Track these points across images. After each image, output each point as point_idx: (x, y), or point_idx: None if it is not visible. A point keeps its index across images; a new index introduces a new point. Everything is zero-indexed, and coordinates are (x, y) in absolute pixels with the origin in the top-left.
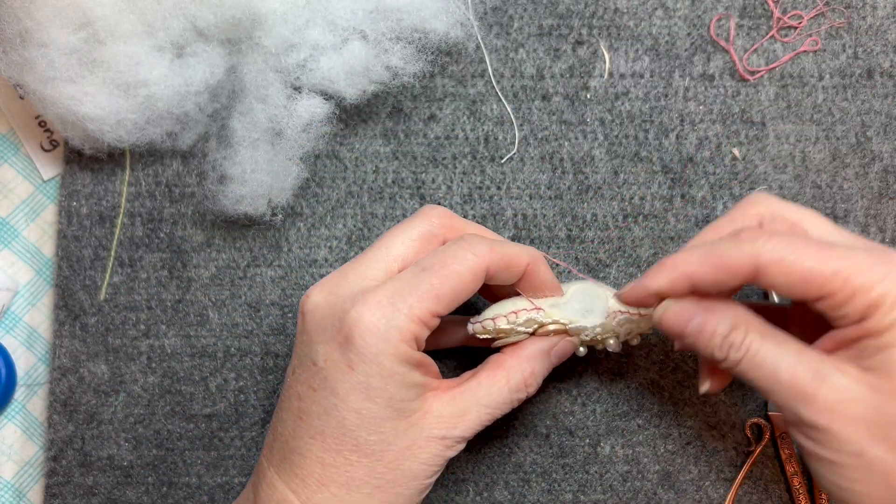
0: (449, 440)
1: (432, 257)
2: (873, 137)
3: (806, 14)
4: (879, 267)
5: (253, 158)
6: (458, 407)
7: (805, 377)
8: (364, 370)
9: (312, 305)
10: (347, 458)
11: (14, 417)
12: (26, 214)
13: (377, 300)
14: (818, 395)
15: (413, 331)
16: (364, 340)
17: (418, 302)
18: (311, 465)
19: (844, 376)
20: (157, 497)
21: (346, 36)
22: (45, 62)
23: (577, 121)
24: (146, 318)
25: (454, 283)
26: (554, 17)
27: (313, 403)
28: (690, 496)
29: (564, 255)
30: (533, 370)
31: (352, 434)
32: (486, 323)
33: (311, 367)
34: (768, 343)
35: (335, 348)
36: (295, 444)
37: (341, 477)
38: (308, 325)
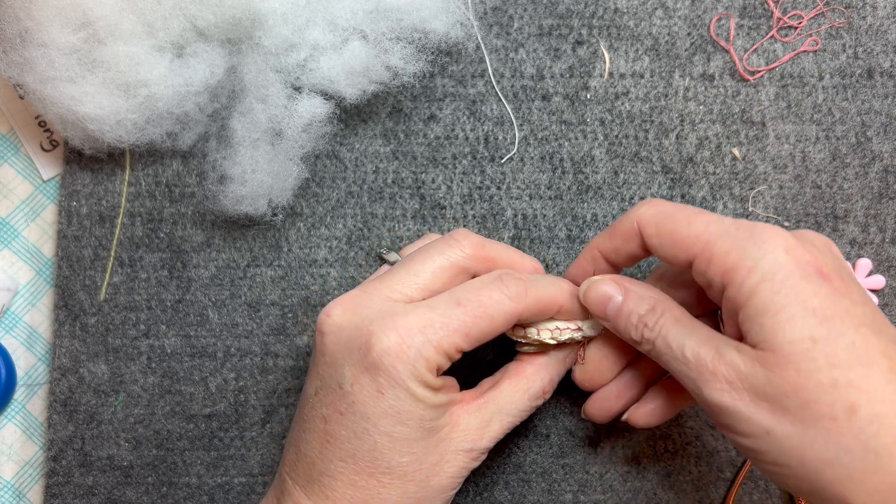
0: (475, 452)
1: (468, 292)
2: (873, 137)
3: (806, 14)
4: (739, 234)
5: (253, 158)
6: (484, 418)
7: (706, 355)
8: (394, 395)
9: (335, 326)
10: (380, 480)
11: (14, 417)
12: (26, 214)
13: (407, 327)
14: (718, 372)
15: (438, 362)
16: (393, 367)
17: (447, 336)
18: (342, 488)
19: (740, 353)
20: (157, 497)
21: (346, 36)
22: (45, 62)
23: (577, 121)
24: (146, 318)
25: (485, 325)
26: (554, 17)
27: (341, 427)
28: (690, 496)
29: (564, 255)
30: (551, 377)
31: (384, 457)
32: (529, 331)
33: (336, 390)
34: (679, 326)
35: (362, 372)
36: (323, 466)
37: (374, 499)
38: (330, 347)
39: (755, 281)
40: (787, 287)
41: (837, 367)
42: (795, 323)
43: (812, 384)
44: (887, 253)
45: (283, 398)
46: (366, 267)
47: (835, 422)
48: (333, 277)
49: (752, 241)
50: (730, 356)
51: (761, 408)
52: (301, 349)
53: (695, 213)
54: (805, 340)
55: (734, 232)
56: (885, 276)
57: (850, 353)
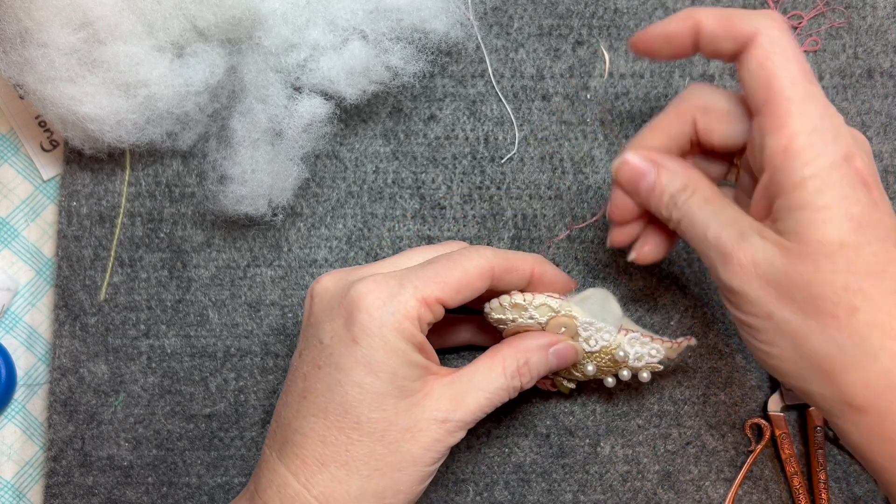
0: (450, 423)
1: (439, 256)
2: (873, 137)
3: (806, 14)
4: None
5: (253, 158)
6: (457, 390)
7: (728, 238)
8: (368, 343)
9: (322, 289)
10: (349, 436)
11: (14, 417)
12: (26, 214)
13: (384, 278)
14: (734, 256)
15: (417, 310)
16: (369, 314)
17: (423, 284)
18: (312, 445)
19: (762, 239)
20: (157, 497)
21: (346, 36)
22: (45, 62)
23: (577, 121)
24: (146, 318)
25: (459, 274)
26: (554, 17)
27: (318, 381)
28: (690, 496)
29: (564, 255)
30: (528, 360)
31: (354, 410)
32: (502, 298)
33: (316, 345)
34: (708, 206)
35: (340, 324)
36: (298, 424)
37: (341, 456)
38: (315, 307)
39: (807, 174)
40: (833, 189)
41: (853, 273)
42: (830, 225)
43: (825, 282)
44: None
45: None
46: None
47: (835, 319)
48: None
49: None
50: (751, 241)
51: (768, 293)
52: None
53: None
54: (833, 244)
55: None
56: None
57: (869, 261)
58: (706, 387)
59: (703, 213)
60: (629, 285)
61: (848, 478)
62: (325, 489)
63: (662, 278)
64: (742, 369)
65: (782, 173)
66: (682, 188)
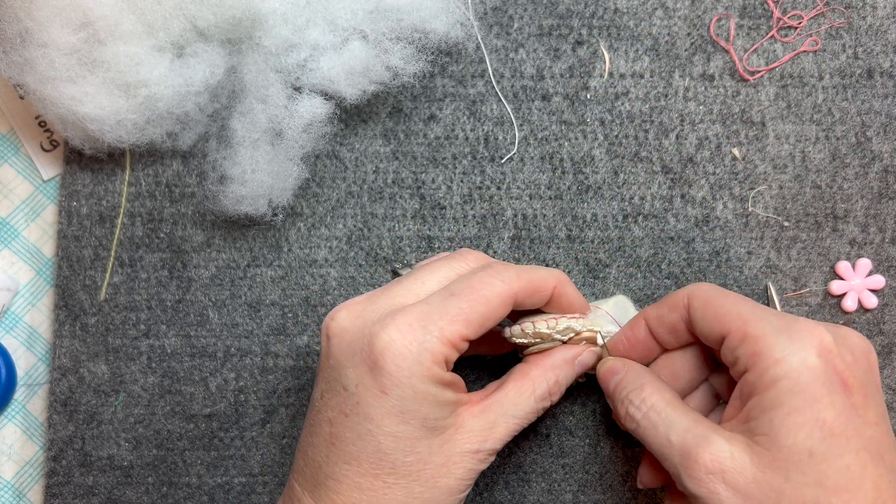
0: (482, 454)
1: (460, 283)
2: (873, 137)
3: (806, 14)
4: (778, 324)
5: (253, 158)
6: (488, 420)
7: (692, 441)
8: (397, 394)
9: (339, 329)
10: (385, 481)
11: (14, 417)
12: (26, 214)
13: (407, 323)
14: (700, 460)
15: (444, 353)
16: (396, 365)
17: (448, 325)
18: (348, 491)
19: (730, 444)
20: (157, 497)
21: (346, 36)
22: (45, 62)
23: (577, 121)
24: (146, 318)
25: (483, 308)
26: (554, 17)
27: (346, 429)
28: None
29: (564, 255)
30: (557, 379)
31: (388, 458)
32: (525, 326)
33: (341, 392)
34: (670, 407)
35: (365, 372)
36: (329, 469)
37: (380, 500)
38: (334, 350)
39: (777, 374)
40: (805, 392)
41: (823, 488)
42: (800, 431)
43: (795, 495)
44: (887, 253)
45: (283, 398)
46: (366, 267)
47: None
48: (333, 277)
49: (787, 334)
50: (718, 445)
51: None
52: (301, 349)
53: (743, 298)
54: (803, 452)
55: (774, 321)
56: (884, 277)
57: (842, 475)
58: None
59: (665, 414)
60: (629, 285)
61: None
62: None
63: (662, 278)
64: None
65: (755, 373)
66: (642, 387)
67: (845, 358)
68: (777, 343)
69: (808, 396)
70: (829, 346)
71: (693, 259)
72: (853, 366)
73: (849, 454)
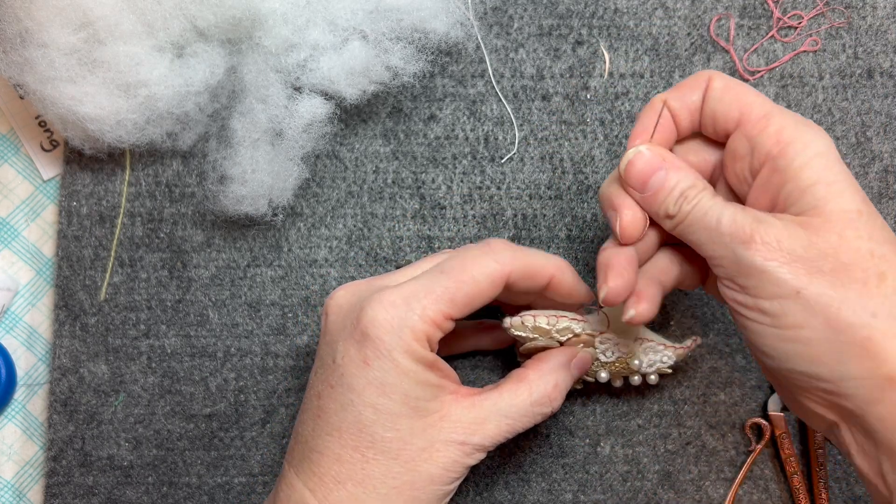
0: (468, 446)
1: (452, 260)
2: (873, 137)
3: (806, 14)
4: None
5: (253, 158)
6: (478, 414)
7: (745, 222)
8: (379, 366)
9: (336, 306)
10: (364, 454)
11: (14, 417)
12: (26, 214)
13: (391, 299)
14: (756, 235)
15: (426, 331)
16: (378, 337)
17: (432, 304)
18: (328, 463)
19: (779, 220)
20: (157, 497)
21: (346, 36)
22: (45, 62)
23: (577, 121)
24: (146, 318)
25: (470, 288)
26: (554, 17)
27: (331, 400)
28: (690, 496)
29: (564, 255)
30: (556, 383)
31: (368, 430)
32: (525, 319)
33: (330, 364)
34: (716, 199)
35: (352, 345)
36: (314, 442)
37: (357, 474)
38: (330, 325)
39: (810, 155)
40: (838, 165)
41: (874, 240)
42: (846, 195)
43: (852, 250)
44: None
45: (283, 398)
46: (366, 267)
47: (865, 286)
48: (333, 277)
49: (806, 125)
50: (769, 222)
51: (795, 268)
52: (301, 349)
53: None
54: (853, 211)
55: (792, 114)
56: None
57: (885, 231)
58: (706, 387)
59: (713, 206)
60: None
61: (848, 478)
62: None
63: None
64: (742, 369)
65: (784, 160)
66: (692, 185)
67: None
68: (803, 131)
69: (842, 170)
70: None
71: None
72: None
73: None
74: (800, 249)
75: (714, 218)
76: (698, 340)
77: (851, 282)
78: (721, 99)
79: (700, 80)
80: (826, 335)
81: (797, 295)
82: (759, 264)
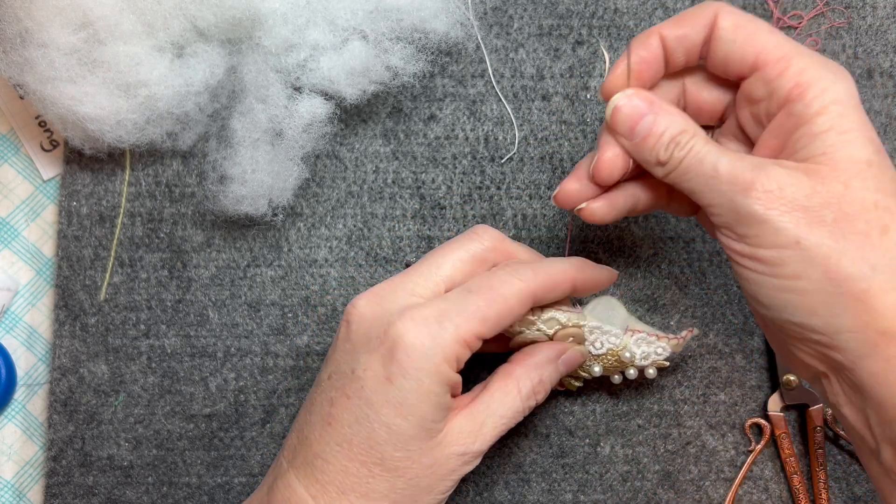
0: (468, 455)
1: (479, 280)
2: None
3: (806, 14)
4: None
5: (253, 159)
6: (476, 421)
7: (744, 169)
8: (401, 385)
9: (359, 316)
10: (371, 470)
11: (14, 417)
12: (26, 214)
13: (424, 317)
14: (756, 183)
15: (456, 351)
16: (407, 356)
17: (465, 323)
18: (333, 472)
19: (782, 167)
20: (157, 497)
21: (346, 36)
22: (45, 62)
23: (577, 121)
24: (146, 318)
25: (500, 307)
26: (554, 17)
27: (345, 411)
28: (690, 496)
29: (565, 255)
30: (541, 378)
31: (378, 448)
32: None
33: (349, 374)
34: (711, 145)
35: (377, 360)
36: (320, 448)
37: (362, 487)
38: (353, 335)
39: (827, 100)
40: (854, 114)
41: (881, 192)
42: (857, 145)
43: (856, 200)
44: None
45: (283, 398)
46: (366, 267)
47: (867, 238)
48: (333, 277)
49: (827, 68)
50: (770, 169)
51: (795, 217)
52: (301, 349)
53: (776, 32)
54: (862, 162)
55: (813, 55)
56: None
57: (894, 183)
58: (706, 387)
59: (708, 152)
60: (629, 285)
61: (848, 478)
62: None
63: (662, 278)
64: (742, 369)
65: (801, 104)
66: (683, 130)
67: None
68: (822, 75)
69: (857, 118)
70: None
71: (693, 259)
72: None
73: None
74: (802, 198)
75: (710, 164)
76: (694, 331)
77: (853, 233)
78: (733, 40)
79: (705, 15)
80: (823, 286)
81: (797, 244)
82: (758, 213)
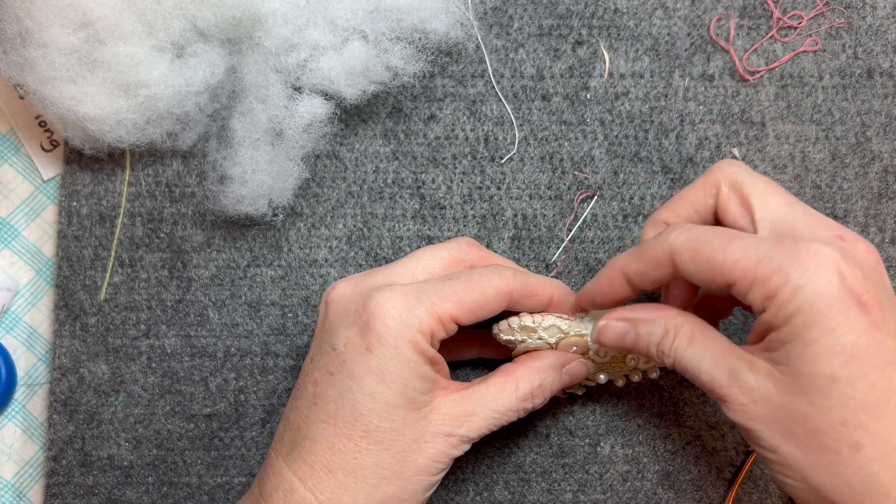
0: (454, 438)
1: (460, 272)
2: (873, 137)
3: (806, 14)
4: (780, 258)
5: (253, 159)
6: (466, 407)
7: (721, 379)
8: (381, 353)
9: (337, 296)
10: (357, 444)
11: (14, 417)
12: (26, 214)
13: (402, 291)
14: (731, 397)
15: (431, 326)
16: (384, 324)
17: (441, 301)
18: (320, 451)
19: (755, 375)
20: (157, 497)
21: (346, 36)
22: (45, 62)
23: (577, 121)
24: (146, 318)
25: (477, 295)
26: (554, 17)
27: (329, 387)
28: (690, 496)
29: (564, 256)
30: (542, 382)
31: (363, 418)
32: (511, 320)
33: (330, 351)
34: (693, 346)
35: (356, 332)
36: (307, 429)
37: (349, 464)
38: (331, 314)
39: (791, 309)
40: (821, 321)
41: (849, 408)
42: (820, 359)
43: (821, 418)
44: (887, 253)
45: (283, 398)
46: (366, 267)
47: (838, 455)
48: (333, 277)
49: (794, 265)
50: (744, 378)
51: (770, 428)
52: (301, 349)
53: (730, 238)
54: (825, 378)
55: (775, 255)
56: None
57: (868, 393)
58: None
59: (690, 356)
60: None
61: None
62: (333, 495)
63: None
64: None
65: (769, 314)
66: (664, 334)
67: (856, 275)
68: (787, 279)
69: (825, 325)
70: (838, 266)
71: None
72: (865, 281)
73: (873, 373)
74: (772, 411)
75: (693, 369)
76: None
77: (822, 449)
78: (698, 272)
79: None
80: (806, 489)
81: (775, 451)
82: (740, 423)
